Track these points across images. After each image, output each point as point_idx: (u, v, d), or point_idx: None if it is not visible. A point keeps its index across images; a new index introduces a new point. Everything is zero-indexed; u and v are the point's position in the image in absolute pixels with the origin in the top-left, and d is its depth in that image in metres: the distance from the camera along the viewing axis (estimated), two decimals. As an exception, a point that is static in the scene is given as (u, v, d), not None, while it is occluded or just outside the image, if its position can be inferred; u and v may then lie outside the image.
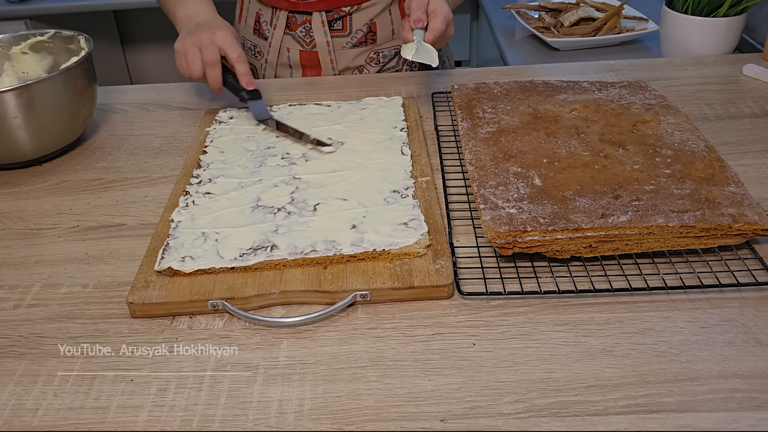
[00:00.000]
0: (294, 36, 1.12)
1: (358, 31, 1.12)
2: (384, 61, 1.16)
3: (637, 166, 0.73)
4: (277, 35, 1.12)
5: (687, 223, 0.64)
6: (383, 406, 0.52)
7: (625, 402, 0.52)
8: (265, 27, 1.14)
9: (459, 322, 0.60)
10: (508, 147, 0.78)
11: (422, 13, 0.88)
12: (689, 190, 0.69)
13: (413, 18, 0.88)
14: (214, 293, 0.62)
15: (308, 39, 1.11)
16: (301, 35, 1.11)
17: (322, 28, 1.10)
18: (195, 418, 0.52)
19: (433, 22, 0.88)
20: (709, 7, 1.16)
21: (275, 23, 1.12)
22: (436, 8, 0.88)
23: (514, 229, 0.64)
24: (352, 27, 1.11)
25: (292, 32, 1.12)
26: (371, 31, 1.12)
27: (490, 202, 0.68)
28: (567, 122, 0.83)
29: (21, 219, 0.77)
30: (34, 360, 0.58)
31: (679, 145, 0.77)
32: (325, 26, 1.10)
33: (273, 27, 1.12)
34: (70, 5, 2.26)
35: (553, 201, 0.67)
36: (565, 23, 1.50)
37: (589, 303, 0.61)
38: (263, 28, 1.14)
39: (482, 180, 0.72)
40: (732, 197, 0.67)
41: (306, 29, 1.11)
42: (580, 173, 0.72)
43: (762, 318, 0.59)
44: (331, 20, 1.10)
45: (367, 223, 0.69)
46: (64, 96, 0.86)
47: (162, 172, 0.85)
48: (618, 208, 0.66)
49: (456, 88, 0.94)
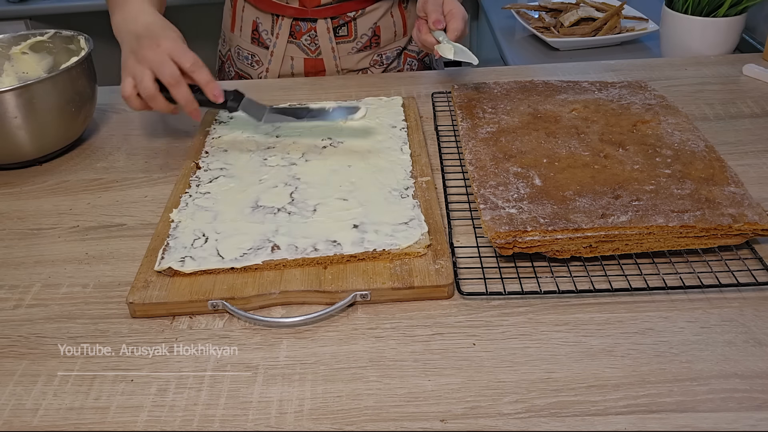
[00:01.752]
0: (299, 45, 1.11)
1: (363, 35, 1.12)
2: (387, 63, 1.16)
3: (637, 166, 0.73)
4: (281, 44, 1.11)
5: (687, 223, 0.64)
6: (383, 406, 0.52)
7: (625, 402, 0.52)
8: (266, 36, 1.12)
9: (459, 322, 0.60)
10: (508, 147, 0.78)
11: (440, 14, 0.90)
12: (689, 190, 0.69)
13: (432, 20, 0.89)
14: (214, 293, 0.62)
15: (313, 47, 1.11)
16: (306, 43, 1.10)
17: (327, 35, 1.10)
18: (195, 418, 0.52)
19: (452, 23, 0.89)
20: (709, 7, 1.16)
21: (277, 32, 1.10)
22: (452, 9, 0.90)
23: (514, 229, 0.64)
24: (357, 32, 1.11)
25: (297, 41, 1.11)
26: (375, 35, 1.12)
27: (490, 202, 0.68)
28: (567, 122, 0.83)
29: (21, 219, 0.77)
30: (34, 360, 0.58)
31: (679, 145, 0.77)
32: (330, 33, 1.09)
33: (275, 36, 1.11)
34: (70, 5, 2.26)
35: (553, 201, 0.67)
36: (565, 23, 1.51)
37: (589, 303, 0.61)
38: (263, 36, 1.12)
39: (482, 180, 0.72)
40: (732, 197, 0.67)
41: (311, 37, 1.10)
42: (580, 173, 0.72)
43: (762, 318, 0.59)
44: (336, 26, 1.10)
45: (367, 223, 0.69)
46: (64, 96, 0.86)
47: (162, 172, 0.85)
48: (618, 208, 0.66)
49: (456, 88, 0.94)
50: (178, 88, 0.78)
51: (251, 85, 1.12)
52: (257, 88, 1.08)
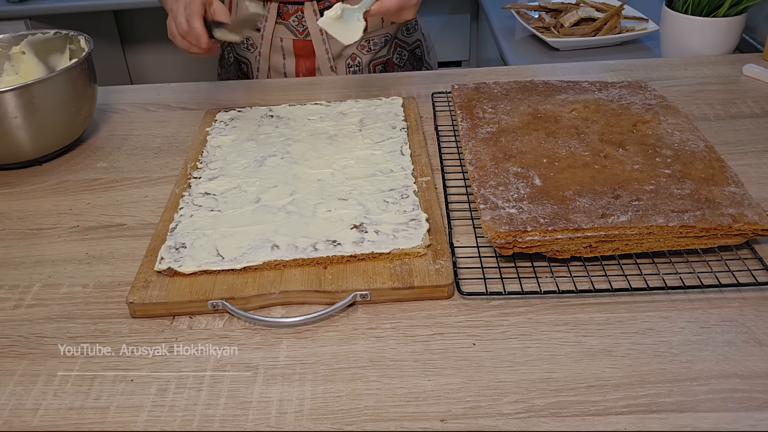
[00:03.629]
0: (287, 25, 1.12)
1: None
2: (375, 49, 1.16)
3: (637, 166, 0.73)
4: (269, 26, 1.12)
5: (687, 223, 0.64)
6: (383, 406, 0.52)
7: (625, 402, 0.52)
8: None
9: (459, 322, 0.60)
10: (508, 147, 0.78)
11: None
12: (689, 190, 0.69)
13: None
14: (214, 293, 0.62)
15: (301, 28, 1.11)
16: (294, 24, 1.11)
17: (314, 17, 1.10)
18: (195, 418, 0.52)
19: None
20: (709, 7, 1.16)
21: (266, 15, 1.12)
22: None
23: (514, 229, 0.64)
24: None
25: (285, 21, 1.11)
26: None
27: (490, 202, 0.68)
28: (567, 122, 0.83)
29: (21, 219, 0.77)
30: (34, 360, 0.58)
31: (679, 145, 0.77)
32: (317, 15, 1.10)
33: (264, 19, 1.12)
34: (70, 5, 2.26)
35: (553, 201, 0.67)
36: (565, 24, 1.51)
37: (589, 303, 0.61)
38: None
39: (482, 180, 0.72)
40: (732, 197, 0.67)
41: (298, 18, 1.10)
42: (580, 173, 0.72)
43: (762, 318, 0.59)
44: (323, 8, 1.10)
45: (367, 223, 0.69)
46: (64, 96, 0.86)
47: (162, 172, 0.85)
48: (618, 208, 0.66)
49: (456, 88, 0.94)
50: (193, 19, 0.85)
51: (251, 85, 1.12)
52: (257, 88, 1.08)
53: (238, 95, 1.05)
